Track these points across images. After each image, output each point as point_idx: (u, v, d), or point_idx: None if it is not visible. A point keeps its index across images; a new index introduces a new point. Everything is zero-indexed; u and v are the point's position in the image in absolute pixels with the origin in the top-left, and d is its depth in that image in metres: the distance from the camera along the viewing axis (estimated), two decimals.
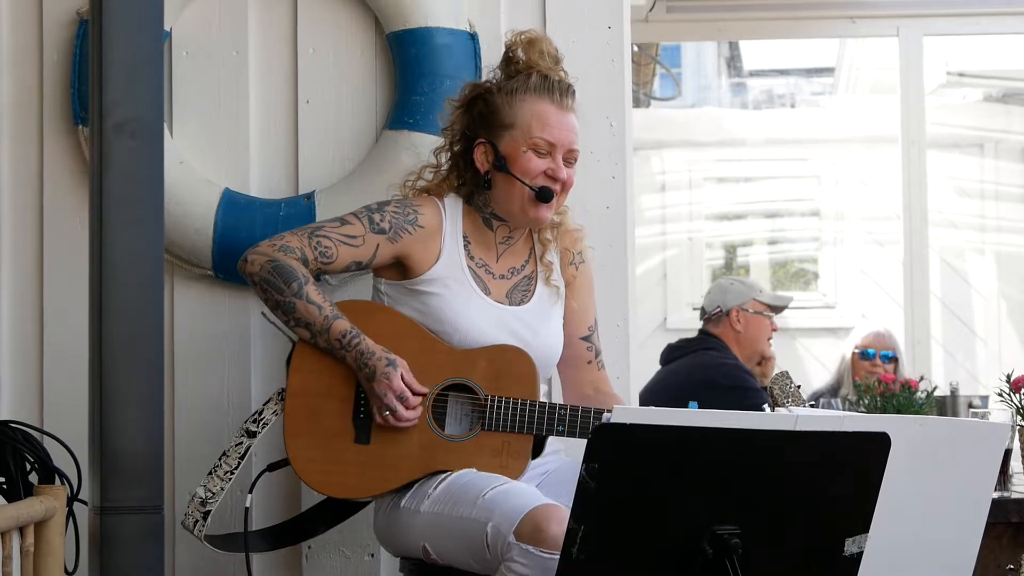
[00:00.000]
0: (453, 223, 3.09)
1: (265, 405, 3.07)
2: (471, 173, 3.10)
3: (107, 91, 2.37)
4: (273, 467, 3.11)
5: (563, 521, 2.61)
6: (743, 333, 5.09)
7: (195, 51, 3.52)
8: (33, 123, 3.55)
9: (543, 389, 3.09)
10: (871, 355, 5.67)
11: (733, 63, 8.99)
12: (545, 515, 2.71)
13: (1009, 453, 3.47)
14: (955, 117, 7.83)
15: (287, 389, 3.02)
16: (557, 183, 3.05)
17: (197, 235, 3.42)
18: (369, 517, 3.17)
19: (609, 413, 2.89)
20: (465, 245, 3.09)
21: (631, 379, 3.49)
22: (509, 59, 3.11)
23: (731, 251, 8.51)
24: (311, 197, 3.43)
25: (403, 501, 2.97)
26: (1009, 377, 3.45)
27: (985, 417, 3.65)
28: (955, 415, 4.82)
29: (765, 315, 5.12)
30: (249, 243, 3.09)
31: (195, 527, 3.02)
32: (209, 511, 3.01)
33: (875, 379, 3.93)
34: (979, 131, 7.89)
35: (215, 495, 3.02)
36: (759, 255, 8.55)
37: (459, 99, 3.14)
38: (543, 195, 3.03)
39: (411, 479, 2.98)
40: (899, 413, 3.71)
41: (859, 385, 4.05)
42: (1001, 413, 3.47)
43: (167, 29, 3.46)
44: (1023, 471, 3.54)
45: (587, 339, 3.21)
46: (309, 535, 3.25)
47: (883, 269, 7.66)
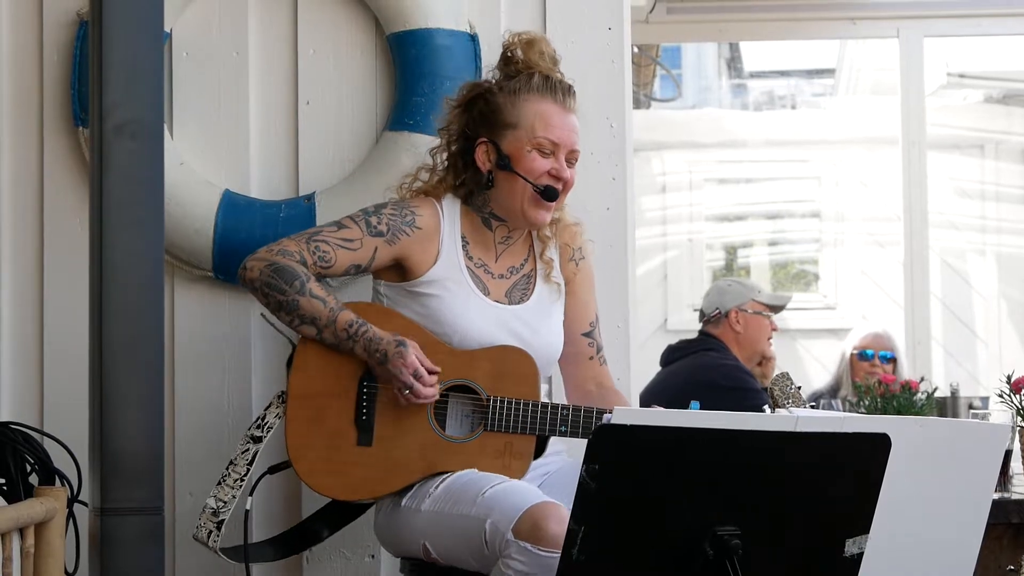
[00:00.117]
0: (451, 224, 3.08)
1: (267, 409, 3.06)
2: (471, 173, 3.09)
3: (107, 92, 2.37)
4: (274, 469, 3.11)
5: (562, 520, 2.62)
6: (743, 334, 5.08)
7: (195, 52, 3.52)
8: (33, 123, 3.55)
9: (543, 388, 3.08)
10: (869, 356, 5.67)
11: (733, 64, 8.99)
12: (544, 513, 2.71)
13: (1009, 454, 3.46)
14: (955, 118, 7.82)
15: (288, 391, 3.02)
16: (560, 182, 3.05)
17: (197, 236, 3.42)
18: (370, 518, 3.17)
19: (610, 414, 2.89)
20: (463, 245, 3.08)
21: (631, 380, 3.49)
22: (508, 59, 3.10)
23: (732, 252, 8.50)
24: (311, 198, 3.43)
25: (404, 501, 2.97)
26: (1009, 378, 3.45)
27: (985, 418, 3.65)
28: (955, 416, 4.81)
29: (764, 315, 5.12)
30: (249, 244, 3.09)
31: (209, 538, 3.00)
32: (223, 520, 3.00)
33: (875, 380, 3.93)
34: (979, 132, 7.89)
35: (227, 504, 3.00)
36: (760, 256, 8.54)
37: (457, 98, 3.13)
38: (548, 194, 3.03)
39: (413, 480, 2.97)
40: (899, 414, 3.70)
41: (859, 386, 4.04)
42: (1001, 414, 3.47)
43: (167, 30, 3.46)
44: (1023, 472, 3.54)
45: (588, 335, 3.20)
46: (313, 542, 3.22)
47: (884, 270, 7.65)
